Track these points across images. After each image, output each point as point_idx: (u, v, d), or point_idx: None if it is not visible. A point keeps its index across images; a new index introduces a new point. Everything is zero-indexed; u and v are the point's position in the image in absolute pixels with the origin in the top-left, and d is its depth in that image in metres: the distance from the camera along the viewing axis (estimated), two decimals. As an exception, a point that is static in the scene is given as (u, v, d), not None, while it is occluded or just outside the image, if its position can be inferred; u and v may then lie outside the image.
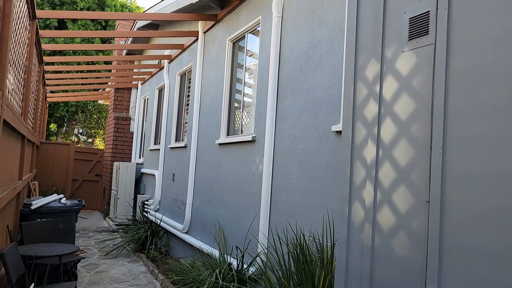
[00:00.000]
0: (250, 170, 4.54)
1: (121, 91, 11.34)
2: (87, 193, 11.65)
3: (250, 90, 5.08)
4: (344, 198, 2.14)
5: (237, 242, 4.64)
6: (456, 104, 1.63)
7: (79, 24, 16.42)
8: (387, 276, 1.84)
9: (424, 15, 1.81)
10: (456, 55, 1.66)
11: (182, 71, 7.46)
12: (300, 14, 3.89)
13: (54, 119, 17.13)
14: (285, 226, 3.78)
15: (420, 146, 1.76)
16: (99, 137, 19.83)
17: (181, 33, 6.61)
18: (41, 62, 6.70)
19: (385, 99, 1.97)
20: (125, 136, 11.08)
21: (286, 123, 3.95)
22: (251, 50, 5.12)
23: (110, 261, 6.21)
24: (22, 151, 4.48)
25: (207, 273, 4.10)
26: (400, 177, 1.83)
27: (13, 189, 3.58)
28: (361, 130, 2.09)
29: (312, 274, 2.85)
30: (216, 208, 5.32)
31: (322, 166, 3.35)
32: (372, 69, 2.06)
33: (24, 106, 4.62)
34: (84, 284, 4.99)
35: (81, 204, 5.44)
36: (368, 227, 1.97)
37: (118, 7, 18.26)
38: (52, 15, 5.32)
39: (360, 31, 2.17)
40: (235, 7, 5.36)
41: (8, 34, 2.83)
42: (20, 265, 3.27)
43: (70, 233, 5.25)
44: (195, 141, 6.23)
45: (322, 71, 3.49)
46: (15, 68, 3.56)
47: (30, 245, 4.04)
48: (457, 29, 1.66)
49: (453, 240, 1.57)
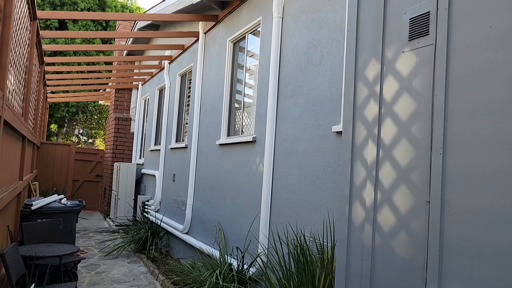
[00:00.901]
0: (250, 171, 4.54)
1: (122, 92, 11.35)
2: (87, 194, 11.66)
3: (250, 91, 5.08)
4: (345, 198, 2.14)
5: (237, 242, 4.64)
6: (457, 104, 1.63)
7: (79, 25, 16.45)
8: (387, 276, 1.84)
9: (424, 15, 1.81)
10: (456, 55, 1.66)
11: (182, 72, 7.47)
12: (301, 14, 3.90)
13: (55, 119, 17.15)
14: (285, 226, 3.78)
15: (420, 147, 1.76)
16: (100, 137, 19.83)
17: (181, 34, 6.62)
18: (41, 63, 6.70)
19: (385, 99, 1.97)
20: (125, 136, 11.08)
21: (286, 124, 3.95)
22: (251, 50, 5.13)
23: (110, 262, 6.21)
24: (23, 151, 4.48)
25: (208, 274, 4.10)
26: (400, 177, 1.83)
27: (13, 189, 3.58)
28: (362, 131, 2.09)
29: (313, 275, 2.85)
30: (216, 208, 5.32)
31: (322, 167, 3.35)
32: (372, 69, 2.07)
33: (25, 107, 4.63)
34: (84, 285, 4.99)
35: (82, 205, 5.44)
36: (368, 227, 1.97)
37: (119, 7, 18.30)
38: (53, 15, 5.32)
39: (360, 32, 2.18)
40: (235, 7, 5.36)
41: (9, 34, 2.83)
42: (21, 265, 3.28)
43: (71, 234, 5.25)
44: (196, 142, 6.24)
45: (323, 72, 3.49)
46: (15, 69, 3.56)
47: (30, 245, 4.05)
48: (457, 30, 1.67)
49: (454, 240, 1.57)
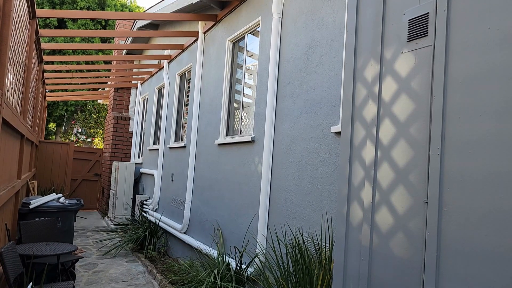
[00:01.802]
0: (249, 171, 4.55)
1: (121, 91, 11.33)
2: (86, 193, 11.65)
3: (249, 91, 5.08)
4: (343, 199, 2.15)
5: (235, 242, 4.64)
6: (455, 105, 1.63)
7: (79, 24, 16.43)
8: (385, 277, 1.85)
9: (423, 16, 1.82)
10: (455, 56, 1.66)
11: (181, 71, 7.47)
12: (300, 15, 3.90)
13: (53, 118, 17.13)
14: (283, 226, 3.78)
15: (418, 147, 1.76)
16: (98, 136, 19.81)
17: (181, 33, 6.62)
18: (40, 61, 6.69)
19: (384, 100, 1.97)
20: (124, 136, 11.07)
21: (285, 124, 3.95)
22: (251, 50, 5.13)
23: (108, 261, 6.20)
24: (21, 150, 4.47)
25: (206, 273, 4.10)
26: (398, 178, 1.84)
27: (11, 188, 3.58)
28: (360, 131, 2.09)
29: (310, 275, 2.85)
30: (215, 208, 5.32)
31: (321, 167, 3.36)
32: (371, 70, 2.07)
33: (23, 105, 4.62)
34: (82, 284, 4.98)
35: (80, 204, 5.43)
36: (366, 228, 1.97)
37: (118, 6, 18.28)
38: (52, 14, 5.32)
39: (359, 32, 2.18)
40: (235, 7, 5.37)
41: (8, 32, 2.83)
42: (18, 264, 3.27)
43: (69, 233, 5.25)
44: (194, 141, 6.23)
45: (322, 72, 3.49)
46: (14, 67, 3.56)
47: (28, 244, 4.04)
48: (456, 31, 1.67)
49: (451, 241, 1.58)
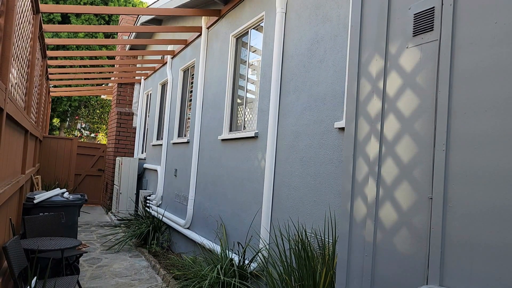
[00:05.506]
0: (252, 166, 4.54)
1: (124, 86, 11.34)
2: (89, 188, 11.71)
3: (253, 86, 5.06)
4: (346, 194, 2.14)
5: (239, 238, 4.65)
6: (460, 100, 1.62)
7: (82, 19, 16.43)
8: (388, 273, 1.84)
9: (429, 11, 1.80)
10: (460, 51, 1.65)
11: (185, 67, 7.46)
12: (304, 9, 3.88)
13: (57, 113, 17.19)
14: (287, 222, 3.78)
15: (423, 143, 1.75)
16: (102, 132, 19.87)
17: (184, 29, 6.60)
18: (44, 57, 6.70)
19: (388, 95, 1.96)
20: (127, 131, 11.09)
21: (288, 119, 3.94)
22: (254, 46, 5.11)
23: (112, 256, 6.24)
24: (25, 145, 4.49)
25: (209, 269, 4.11)
26: (402, 173, 1.83)
27: (16, 183, 3.59)
28: (364, 127, 2.08)
29: (314, 270, 2.85)
30: (218, 203, 5.33)
31: (324, 163, 3.35)
32: (376, 65, 2.05)
33: (27, 100, 4.63)
34: (86, 278, 5.02)
35: (84, 199, 5.46)
36: (370, 224, 1.97)
37: (122, 2, 18.25)
38: (56, 9, 5.31)
39: (364, 27, 2.16)
40: (238, 2, 5.34)
41: (12, 28, 2.83)
42: (23, 258, 3.29)
43: (73, 227, 5.28)
44: (198, 137, 6.24)
45: (326, 67, 3.47)
46: (18, 62, 3.56)
47: (32, 238, 4.07)
48: (462, 25, 1.65)
49: (456, 237, 1.57)
